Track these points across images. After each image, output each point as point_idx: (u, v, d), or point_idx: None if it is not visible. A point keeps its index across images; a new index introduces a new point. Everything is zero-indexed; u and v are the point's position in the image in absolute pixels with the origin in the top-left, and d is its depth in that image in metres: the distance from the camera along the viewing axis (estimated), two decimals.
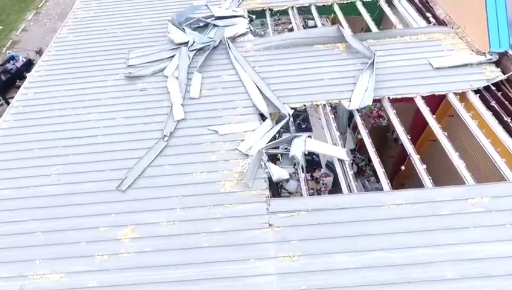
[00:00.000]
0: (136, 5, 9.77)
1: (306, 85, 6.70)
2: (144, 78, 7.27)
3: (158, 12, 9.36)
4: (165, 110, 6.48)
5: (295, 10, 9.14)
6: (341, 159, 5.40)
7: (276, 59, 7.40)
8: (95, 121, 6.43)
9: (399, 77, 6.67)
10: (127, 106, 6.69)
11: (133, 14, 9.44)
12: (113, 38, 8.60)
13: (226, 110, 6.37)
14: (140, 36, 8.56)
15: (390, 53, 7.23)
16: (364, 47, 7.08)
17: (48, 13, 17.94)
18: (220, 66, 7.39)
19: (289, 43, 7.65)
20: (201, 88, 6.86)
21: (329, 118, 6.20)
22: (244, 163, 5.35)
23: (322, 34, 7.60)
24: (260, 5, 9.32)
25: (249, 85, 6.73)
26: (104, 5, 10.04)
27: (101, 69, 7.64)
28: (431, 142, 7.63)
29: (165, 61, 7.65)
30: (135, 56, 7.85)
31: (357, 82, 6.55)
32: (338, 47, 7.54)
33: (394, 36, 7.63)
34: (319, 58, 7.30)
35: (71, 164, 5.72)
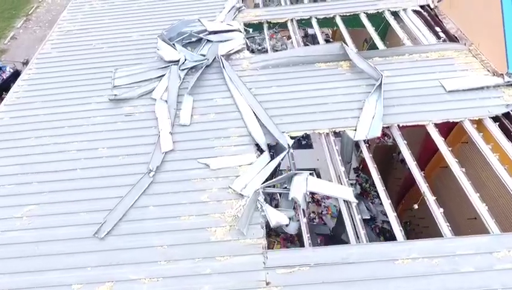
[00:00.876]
0: (125, 18, 9.18)
1: (307, 110, 6.12)
2: (130, 101, 6.68)
3: (148, 25, 8.76)
4: (152, 139, 5.88)
5: (295, 23, 8.55)
6: (347, 201, 4.81)
7: (275, 79, 6.81)
8: (75, 152, 5.84)
9: (409, 101, 6.08)
10: (110, 133, 6.09)
11: (121, 27, 8.85)
12: (99, 55, 8.01)
13: (218, 140, 5.78)
14: (128, 52, 7.96)
15: (398, 73, 6.65)
16: (370, 67, 6.50)
17: (38, 20, 17.33)
18: (213, 88, 6.80)
19: (288, 61, 7.07)
20: (192, 113, 6.27)
21: (333, 150, 5.61)
22: (238, 205, 4.76)
23: (325, 51, 7.02)
24: (257, 17, 8.73)
25: (245, 110, 6.14)
26: (91, 17, 9.45)
27: (85, 90, 7.05)
28: (442, 169, 7.07)
29: (153, 81, 7.06)
30: (122, 75, 7.25)
31: (364, 107, 5.96)
32: (341, 66, 6.96)
33: (402, 54, 7.05)
34: (321, 78, 6.71)
35: (46, 204, 5.12)
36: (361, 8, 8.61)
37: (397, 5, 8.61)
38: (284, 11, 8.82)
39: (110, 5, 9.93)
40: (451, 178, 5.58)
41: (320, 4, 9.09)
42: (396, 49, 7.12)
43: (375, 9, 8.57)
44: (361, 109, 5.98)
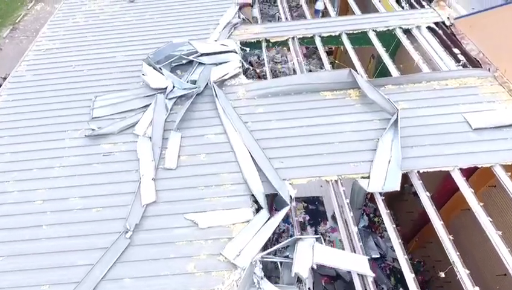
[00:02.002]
0: (109, 35, 8.34)
1: (312, 151, 5.30)
2: (110, 137, 5.85)
3: (135, 44, 7.93)
4: (133, 186, 5.06)
5: (296, 41, 7.74)
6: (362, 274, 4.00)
7: (274, 111, 5.99)
8: (41, 203, 5.00)
9: (429, 140, 5.27)
10: (85, 178, 5.27)
11: (105, 46, 8.02)
12: (79, 79, 7.17)
13: (209, 189, 4.96)
14: (110, 76, 7.13)
15: (415, 105, 5.84)
16: (383, 99, 5.68)
17: (25, 29, 16.48)
18: (204, 121, 5.97)
19: (290, 90, 6.25)
20: (179, 153, 5.46)
21: (343, 202, 4.80)
22: (230, 280, 3.94)
23: (331, 79, 6.19)
24: (255, 35, 7.90)
25: (240, 151, 5.33)
26: (72, 34, 8.61)
27: (60, 122, 6.22)
28: (464, 211, 6.27)
29: (137, 112, 6.24)
30: (102, 105, 6.43)
31: (377, 149, 5.15)
32: (350, 95, 6.14)
33: (419, 81, 6.23)
34: (327, 111, 5.89)
35: (3, 273, 4.30)
36: (370, 25, 7.79)
37: (409, 22, 7.80)
38: (285, 28, 8.00)
39: (94, 19, 9.11)
40: (476, 225, 4.79)
41: (324, 20, 8.28)
42: (412, 76, 6.30)
43: (386, 27, 7.75)
44: (374, 151, 5.17)
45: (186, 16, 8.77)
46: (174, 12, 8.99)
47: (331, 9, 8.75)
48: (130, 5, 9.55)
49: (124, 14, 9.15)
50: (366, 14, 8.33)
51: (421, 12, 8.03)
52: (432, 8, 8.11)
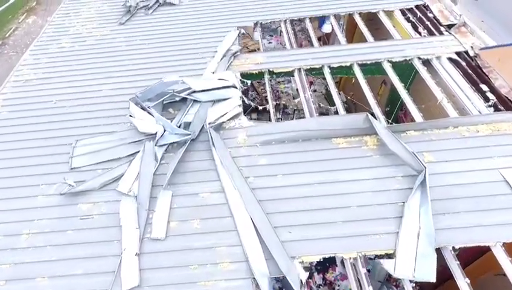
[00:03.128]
0: (96, 64, 7.58)
1: (325, 217, 4.50)
2: (89, 194, 5.06)
3: (123, 76, 7.17)
4: (112, 263, 4.26)
5: (303, 73, 6.96)
6: None
7: (280, 163, 5.19)
8: (4, 284, 4.21)
9: (463, 205, 4.47)
10: (56, 251, 4.46)
11: (90, 77, 7.24)
12: (60, 117, 6.39)
13: (204, 268, 4.14)
14: (95, 114, 6.34)
15: (443, 157, 5.04)
16: (406, 152, 4.89)
17: (15, 44, 15.73)
18: (199, 175, 5.17)
19: (297, 136, 5.46)
20: (169, 218, 4.66)
21: (364, 286, 3.99)
22: None
23: (344, 125, 5.40)
24: (258, 66, 7.12)
25: (240, 217, 4.52)
26: (56, 61, 7.85)
27: (34, 174, 5.42)
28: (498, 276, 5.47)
29: (123, 161, 5.45)
30: (83, 152, 5.64)
31: (404, 216, 4.35)
32: (366, 143, 5.35)
33: (444, 127, 5.45)
34: (342, 163, 5.10)
35: None
36: (385, 54, 7.02)
37: (428, 51, 7.02)
38: (290, 58, 7.22)
39: (81, 44, 8.34)
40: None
41: (333, 49, 7.52)
42: (437, 121, 5.50)
43: (403, 57, 6.98)
44: (400, 219, 4.38)
45: (180, 41, 8.01)
46: (167, 37, 8.24)
47: (340, 35, 7.97)
48: (120, 28, 8.80)
49: (113, 39, 8.38)
50: (379, 41, 7.56)
51: (440, 40, 7.26)
52: (453, 36, 7.34)
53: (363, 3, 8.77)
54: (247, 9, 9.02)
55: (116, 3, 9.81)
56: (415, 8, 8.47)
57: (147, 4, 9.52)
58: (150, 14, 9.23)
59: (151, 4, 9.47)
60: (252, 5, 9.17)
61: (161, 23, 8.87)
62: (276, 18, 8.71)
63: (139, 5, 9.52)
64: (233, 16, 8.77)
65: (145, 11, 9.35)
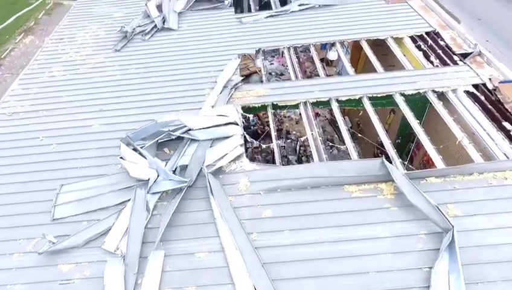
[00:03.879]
0: (88, 95, 7.10)
1: (340, 286, 3.92)
2: (71, 253, 4.48)
3: (116, 109, 6.69)
4: None
5: (309, 107, 6.47)
6: None
7: (287, 216, 4.63)
8: None
9: (499, 272, 3.88)
10: None
11: (81, 109, 6.76)
12: (45, 157, 5.87)
13: None
14: (84, 154, 5.81)
15: (469, 210, 4.48)
16: (429, 205, 4.35)
17: (11, 66, 15.37)
18: (195, 229, 4.60)
19: (305, 183, 4.92)
20: (161, 284, 4.07)
21: None
22: None
23: (358, 171, 4.87)
24: (260, 99, 6.64)
25: (243, 286, 3.95)
26: (46, 92, 7.38)
27: (11, 226, 4.85)
28: None
29: (112, 210, 4.90)
30: (67, 200, 5.08)
31: (431, 286, 3.77)
32: (382, 191, 4.80)
33: (469, 173, 4.92)
34: (356, 217, 4.53)
35: None
36: (397, 87, 6.56)
37: (443, 83, 6.56)
38: (295, 90, 6.75)
39: (73, 73, 7.89)
40: None
41: (341, 80, 7.05)
42: (461, 167, 4.97)
43: (415, 89, 6.51)
44: (427, 289, 3.79)
45: (178, 70, 7.56)
46: (164, 65, 7.80)
47: (348, 65, 7.51)
48: (115, 55, 8.37)
49: (107, 67, 7.94)
50: (390, 71, 7.11)
51: (455, 71, 6.81)
52: (468, 66, 6.89)
53: (370, 29, 8.37)
54: (248, 35, 8.62)
55: (112, 28, 9.42)
56: (426, 35, 8.06)
57: (144, 30, 9.13)
58: (147, 40, 8.82)
59: (148, 30, 9.08)
60: (253, 31, 8.77)
61: (158, 49, 8.45)
62: (279, 45, 8.28)
63: (136, 30, 9.12)
64: (234, 43, 8.36)
65: (142, 36, 8.95)
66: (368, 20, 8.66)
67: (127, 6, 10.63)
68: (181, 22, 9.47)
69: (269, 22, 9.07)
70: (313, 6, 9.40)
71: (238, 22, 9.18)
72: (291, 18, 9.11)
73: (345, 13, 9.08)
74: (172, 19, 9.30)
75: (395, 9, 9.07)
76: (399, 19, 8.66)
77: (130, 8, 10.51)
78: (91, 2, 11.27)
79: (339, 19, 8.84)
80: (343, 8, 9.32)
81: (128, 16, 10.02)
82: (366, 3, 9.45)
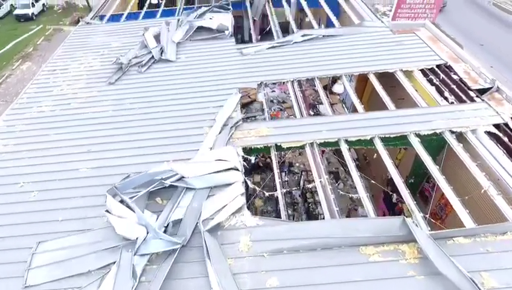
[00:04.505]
0: (77, 135, 6.58)
1: None
2: None
3: (106, 150, 6.15)
4: None
5: (316, 148, 5.94)
6: None
7: (295, 286, 4.01)
8: None
9: None
10: None
11: (68, 150, 6.22)
12: (24, 207, 5.26)
13: None
14: (67, 203, 5.22)
15: (506, 280, 3.86)
16: (460, 275, 3.72)
17: (6, 93, 15.01)
18: None
19: (316, 244, 4.31)
20: None
21: None
22: None
23: (376, 231, 4.26)
24: (263, 139, 6.12)
25: None
26: (32, 129, 6.87)
27: None
28: None
29: (93, 276, 4.26)
30: (44, 261, 4.46)
31: None
32: (404, 254, 4.18)
33: (502, 232, 4.31)
34: (375, 287, 3.92)
35: None
36: (412, 126, 6.05)
37: (461, 122, 6.05)
38: (301, 129, 6.23)
39: (63, 108, 7.41)
40: None
41: (351, 118, 6.53)
42: (492, 226, 4.37)
43: (431, 129, 6.00)
44: None
45: (174, 106, 7.08)
46: (160, 100, 7.33)
47: (356, 101, 7.03)
48: (109, 89, 7.92)
49: (100, 102, 7.47)
50: (402, 109, 6.62)
51: (473, 109, 6.31)
52: (486, 103, 6.41)
53: (378, 61, 7.96)
54: (250, 67, 8.20)
55: (108, 59, 9.03)
56: (437, 68, 7.64)
57: (141, 61, 8.73)
58: (143, 72, 8.40)
59: (145, 61, 8.68)
60: (255, 63, 8.36)
61: (155, 82, 8.01)
62: (282, 78, 7.85)
63: (132, 62, 8.73)
64: (234, 76, 7.93)
65: (138, 68, 8.54)
66: (374, 52, 8.28)
67: (125, 36, 10.31)
68: (180, 52, 9.11)
69: (271, 53, 8.69)
70: (317, 36, 9.07)
71: (239, 53, 8.81)
72: (295, 49, 8.74)
73: (351, 44, 8.72)
74: (170, 50, 8.93)
75: (403, 40, 8.72)
76: (407, 50, 8.28)
77: (128, 37, 10.17)
78: (89, 30, 10.99)
79: (345, 50, 8.46)
80: (348, 38, 8.97)
81: (126, 46, 9.66)
82: (372, 33, 9.12)
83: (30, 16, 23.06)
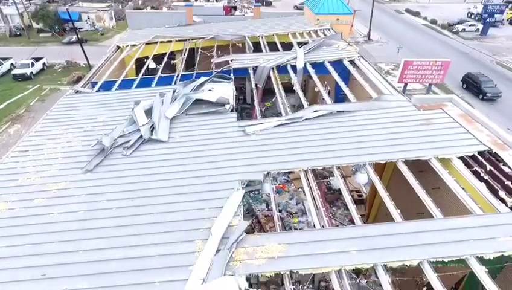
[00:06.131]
0: (33, 253, 5.07)
1: None
2: None
3: (65, 278, 4.62)
4: None
5: (345, 276, 4.40)
6: None
7: None
8: None
9: None
10: None
11: (14, 277, 4.69)
12: None
13: None
14: None
15: None
16: None
17: None
18: None
19: None
20: None
21: None
22: None
23: None
24: (273, 262, 4.56)
25: None
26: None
27: None
28: None
29: None
30: None
31: None
32: None
33: None
34: None
35: None
36: (471, 246, 4.53)
37: None
38: (323, 248, 4.71)
39: (23, 206, 5.95)
40: None
41: (388, 231, 5.04)
42: None
43: (497, 252, 4.51)
44: None
45: (160, 205, 5.67)
46: (143, 198, 5.92)
47: (392, 207, 5.61)
48: (85, 178, 6.56)
49: (71, 198, 6.06)
50: (452, 218, 5.17)
51: None
52: None
53: (406, 145, 6.71)
54: (254, 151, 6.92)
55: (90, 137, 7.78)
56: (479, 156, 6.36)
57: (127, 141, 7.50)
58: (128, 156, 7.13)
59: (132, 141, 7.43)
60: (260, 145, 7.10)
61: (140, 170, 6.66)
62: (294, 167, 6.53)
63: (117, 142, 7.49)
64: (236, 162, 6.62)
65: (124, 150, 7.26)
66: (401, 133, 7.08)
67: (114, 108, 9.22)
68: (173, 129, 7.92)
69: (279, 132, 7.49)
70: (331, 112, 7.96)
71: (241, 131, 7.61)
72: (306, 128, 7.56)
73: (371, 122, 7.55)
74: (162, 128, 7.75)
75: (430, 117, 7.57)
76: (439, 131, 7.07)
77: (117, 110, 9.08)
78: (75, 101, 9.96)
79: (366, 131, 7.25)
80: (367, 115, 7.84)
81: (113, 120, 8.53)
82: (393, 109, 8.01)
83: (28, 75, 22.68)
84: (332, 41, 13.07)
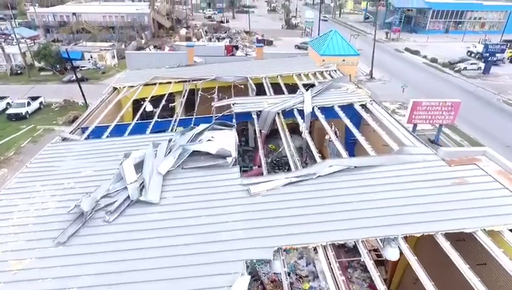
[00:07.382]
0: None
1: None
2: None
3: None
4: None
5: None
6: None
7: None
8: None
9: None
10: None
11: None
12: None
13: None
14: None
15: None
16: None
17: None
18: None
19: None
20: None
21: None
22: None
23: None
24: None
25: None
26: None
27: None
28: None
29: None
30: None
31: None
32: None
33: None
34: None
35: None
36: None
37: None
38: None
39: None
40: None
41: None
42: None
43: None
44: None
45: None
46: (122, 284, 4.75)
47: None
48: (55, 254, 5.37)
49: (34, 281, 4.86)
50: None
51: None
52: None
53: (444, 213, 5.59)
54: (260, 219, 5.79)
55: (69, 197, 6.68)
56: None
57: (112, 203, 6.39)
58: (111, 223, 5.99)
59: (117, 204, 6.32)
60: (267, 211, 5.98)
61: (123, 243, 5.50)
62: (309, 242, 5.37)
63: (100, 204, 6.39)
64: (238, 234, 5.46)
65: (106, 215, 6.15)
66: (434, 196, 5.98)
67: (102, 159, 8.20)
68: (166, 187, 6.83)
69: (289, 193, 6.40)
70: (348, 167, 6.93)
71: (245, 191, 6.52)
72: (321, 187, 6.47)
73: (396, 181, 6.49)
74: (153, 187, 6.67)
75: (465, 175, 6.51)
76: (478, 194, 5.98)
77: (105, 162, 8.05)
78: (60, 150, 8.97)
79: (391, 191, 6.17)
80: (390, 171, 6.79)
81: (99, 175, 7.47)
82: (420, 163, 6.97)
83: (23, 115, 21.99)
84: (340, 83, 12.36)
